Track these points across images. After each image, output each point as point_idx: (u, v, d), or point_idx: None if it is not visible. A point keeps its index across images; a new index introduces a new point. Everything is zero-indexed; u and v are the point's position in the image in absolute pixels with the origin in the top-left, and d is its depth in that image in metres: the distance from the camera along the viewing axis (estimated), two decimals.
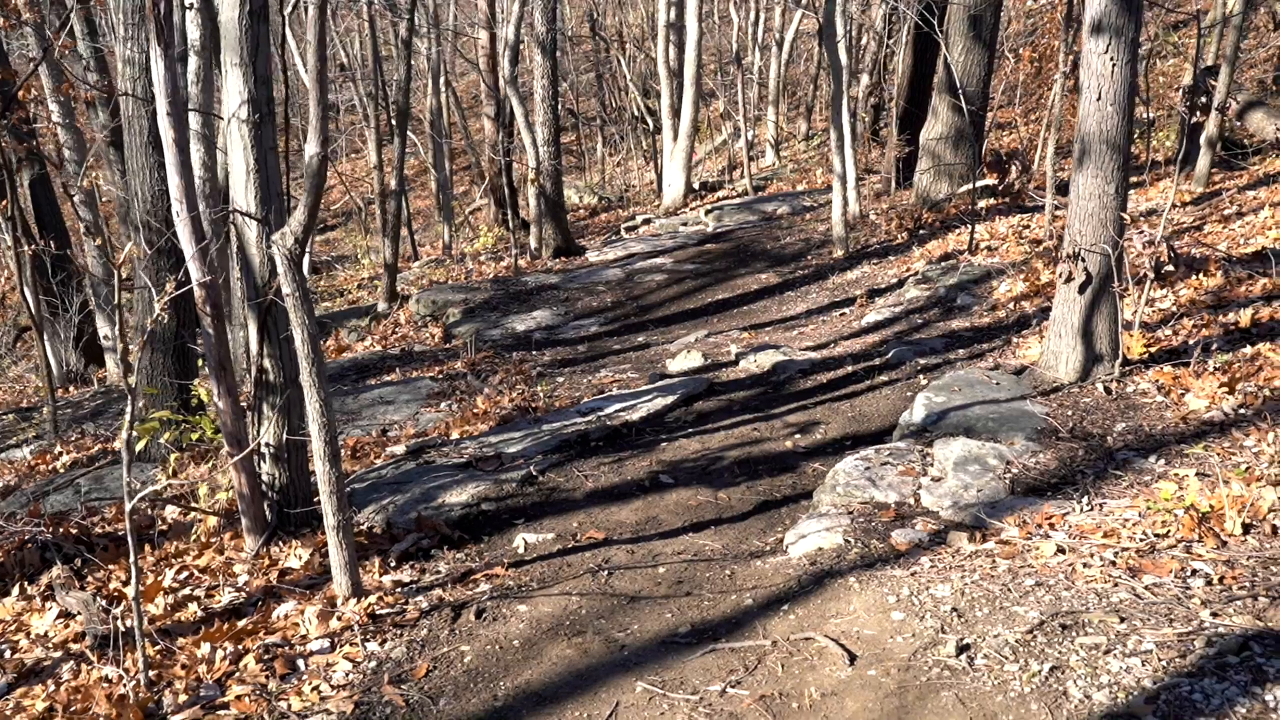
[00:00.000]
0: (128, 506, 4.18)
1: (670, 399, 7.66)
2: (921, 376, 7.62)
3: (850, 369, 8.14)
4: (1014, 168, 12.37)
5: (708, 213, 17.45)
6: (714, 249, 14.43)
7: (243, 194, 5.73)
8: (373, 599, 4.98)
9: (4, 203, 11.56)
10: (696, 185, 22.11)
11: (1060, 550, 4.50)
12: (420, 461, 6.84)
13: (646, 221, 19.67)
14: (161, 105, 5.48)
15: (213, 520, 6.35)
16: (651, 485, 6.29)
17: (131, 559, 4.25)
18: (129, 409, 4.16)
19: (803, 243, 13.89)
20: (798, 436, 6.93)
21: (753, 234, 15.10)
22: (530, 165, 15.88)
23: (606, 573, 5.07)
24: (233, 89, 5.66)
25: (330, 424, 4.89)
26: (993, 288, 9.51)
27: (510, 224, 17.49)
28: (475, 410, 8.10)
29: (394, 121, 13.85)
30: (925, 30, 14.56)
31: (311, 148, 4.62)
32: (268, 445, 6.02)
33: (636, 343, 10.42)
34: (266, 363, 5.94)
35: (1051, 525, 4.83)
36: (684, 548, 5.35)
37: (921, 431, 6.31)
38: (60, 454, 9.56)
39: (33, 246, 12.37)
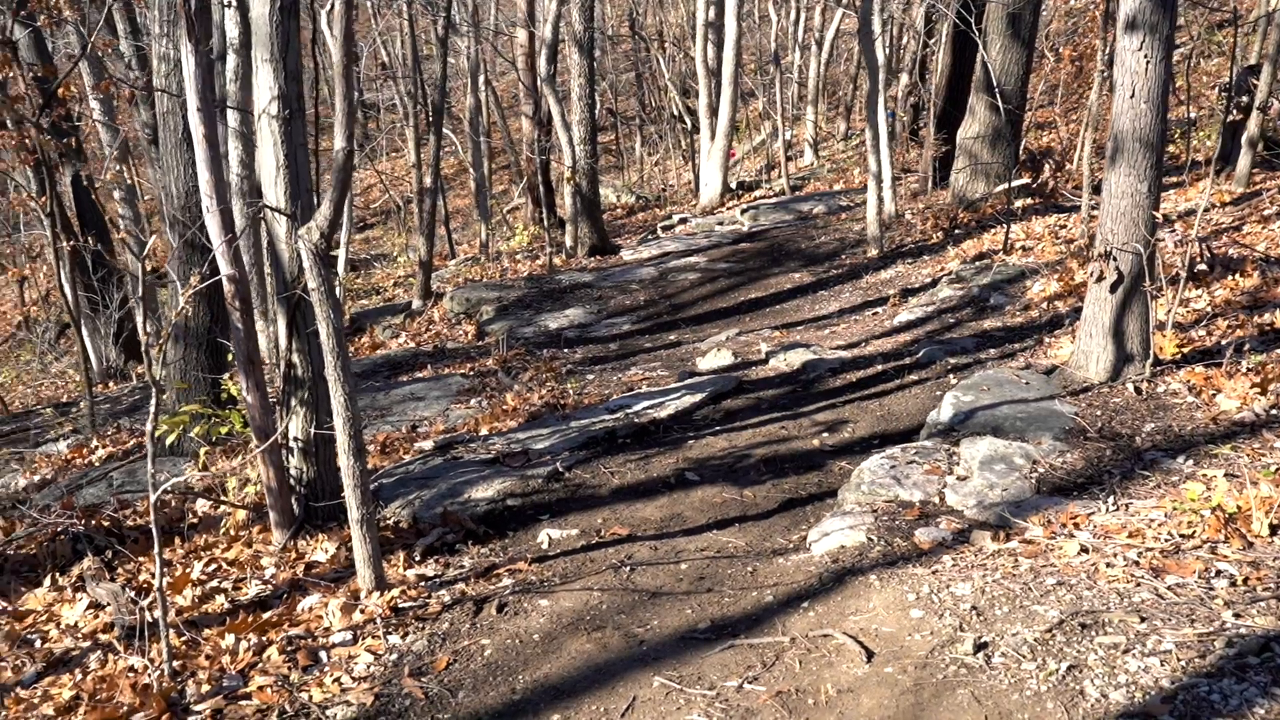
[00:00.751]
0: (152, 498, 4.23)
1: (699, 397, 7.66)
2: (951, 376, 7.58)
3: (880, 368, 8.11)
4: (1048, 166, 12.25)
5: (743, 212, 17.42)
6: (748, 248, 14.40)
7: (272, 189, 5.78)
8: (396, 592, 5.01)
9: (44, 199, 11.71)
10: (733, 185, 22.08)
11: (1083, 550, 4.46)
12: (448, 457, 6.88)
13: (683, 221, 19.66)
14: (192, 101, 5.54)
15: (241, 514, 6.42)
16: (677, 482, 6.30)
17: (156, 550, 4.30)
18: (153, 402, 4.21)
19: (837, 242, 13.84)
20: (825, 435, 6.91)
21: (788, 233, 15.06)
22: (566, 164, 15.93)
23: (629, 569, 5.08)
24: (263, 85, 5.71)
25: (355, 418, 4.93)
26: (1026, 287, 9.44)
27: (546, 222, 17.53)
28: (505, 407, 8.13)
29: (430, 120, 13.91)
30: (964, 28, 14.47)
31: (338, 143, 4.65)
32: (295, 439, 6.08)
33: (668, 341, 10.43)
34: (295, 357, 5.99)
35: (1076, 525, 4.79)
36: (707, 545, 5.34)
37: (949, 430, 6.28)
38: (96, 448, 9.69)
39: (72, 243, 12.53)
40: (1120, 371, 6.52)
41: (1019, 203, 12.65)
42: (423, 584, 5.21)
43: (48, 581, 6.08)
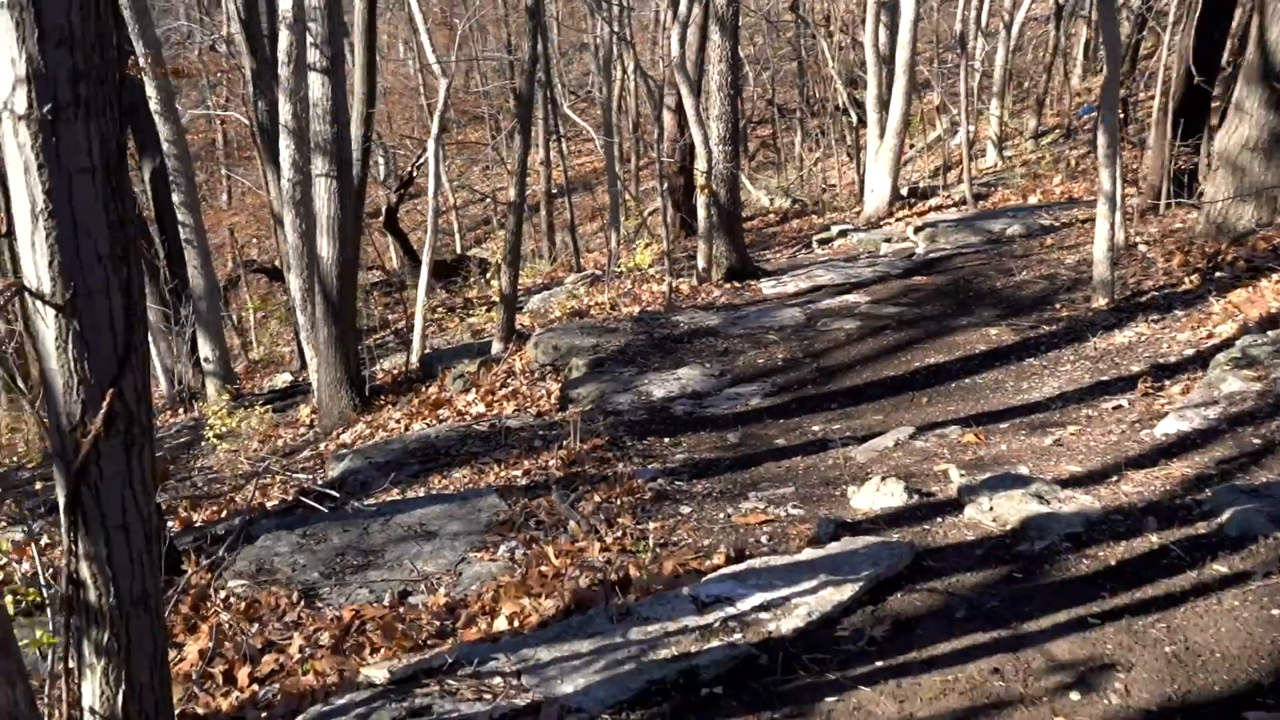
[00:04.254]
0: None
1: (848, 590, 4.57)
2: None
3: (1154, 539, 4.88)
4: None
5: (917, 230, 14.18)
6: (924, 284, 11.19)
7: (30, 255, 3.04)
8: None
9: None
10: (904, 191, 18.80)
11: None
12: (407, 706, 3.99)
13: (843, 233, 16.59)
14: None
15: None
16: None
17: None
18: None
19: (1045, 280, 10.50)
20: (1075, 697, 3.81)
21: (975, 263, 11.78)
22: (700, 169, 12.97)
23: None
24: (1, 57, 2.96)
25: None
26: None
27: (669, 239, 14.50)
28: (542, 568, 5.24)
29: (518, 112, 11.07)
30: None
31: None
32: (94, 713, 3.31)
33: (810, 435, 7.35)
34: (83, 569, 3.21)
35: None
36: None
37: None
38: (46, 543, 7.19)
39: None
40: None
41: None
42: None
43: None
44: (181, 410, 15.29)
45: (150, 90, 13.59)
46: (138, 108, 14.69)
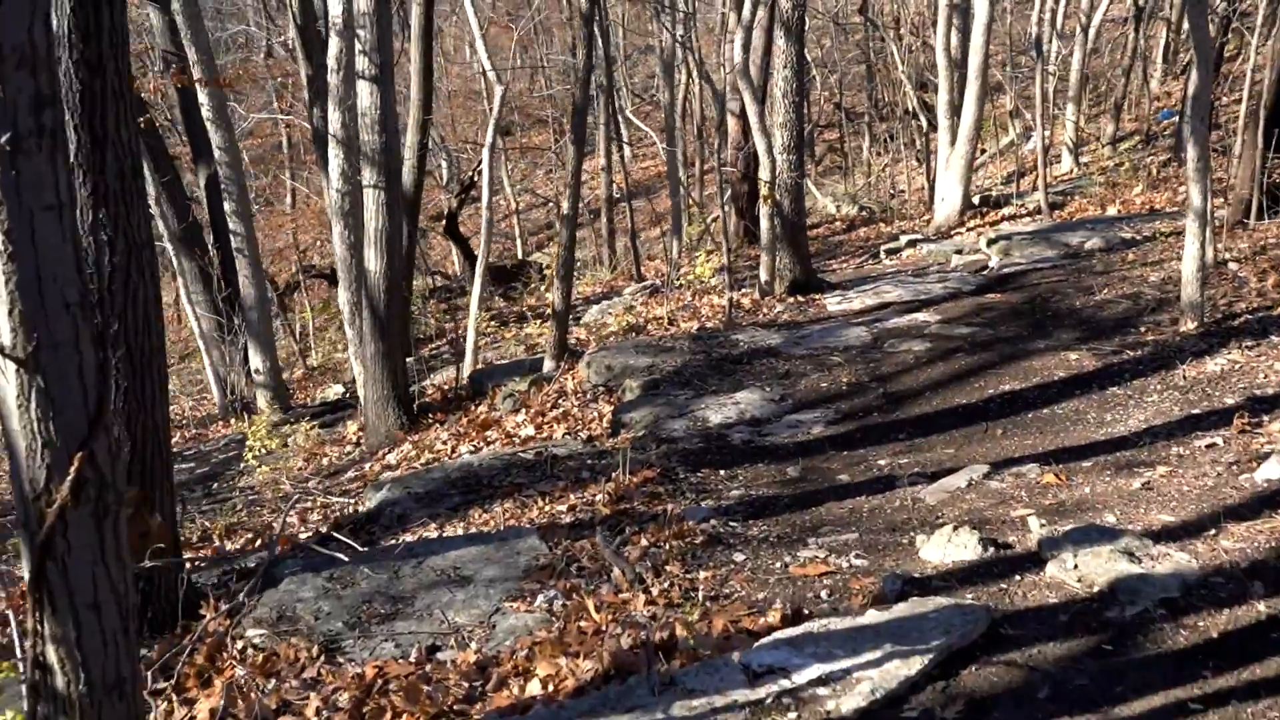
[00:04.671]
0: None
1: (917, 662, 4.10)
2: None
3: (1261, 608, 4.35)
4: None
5: (990, 243, 13.59)
6: (998, 302, 10.64)
7: None
8: None
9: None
10: (975, 199, 18.18)
11: None
12: None
13: (912, 243, 16.07)
14: None
15: None
16: None
17: None
18: None
19: (1127, 300, 9.91)
20: None
21: (1052, 280, 11.20)
22: (764, 178, 12.51)
23: None
24: None
25: None
26: None
27: (728, 250, 13.99)
28: (582, 623, 4.84)
29: (572, 122, 10.69)
30: None
31: None
32: None
33: (875, 471, 6.87)
34: (50, 653, 2.86)
35: None
36: None
37: None
38: None
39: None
40: None
41: None
42: None
43: None
44: (233, 420, 15.12)
45: (203, 97, 13.42)
46: (191, 115, 14.59)
